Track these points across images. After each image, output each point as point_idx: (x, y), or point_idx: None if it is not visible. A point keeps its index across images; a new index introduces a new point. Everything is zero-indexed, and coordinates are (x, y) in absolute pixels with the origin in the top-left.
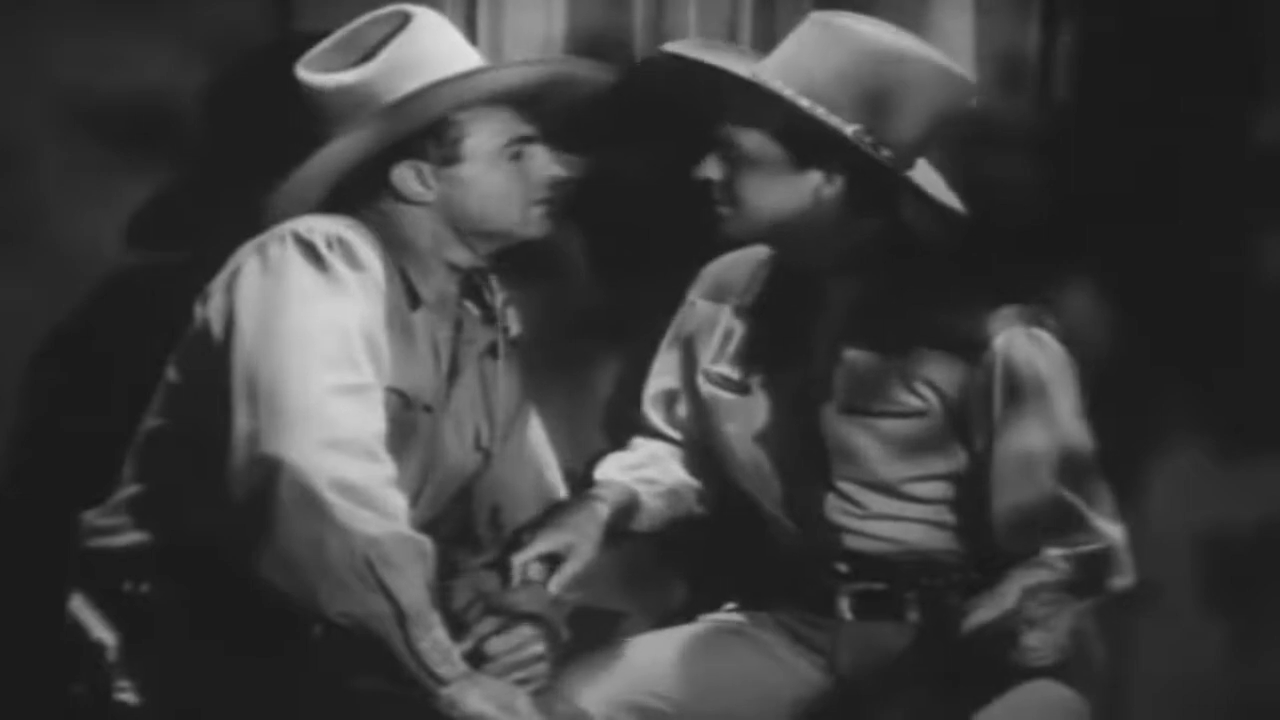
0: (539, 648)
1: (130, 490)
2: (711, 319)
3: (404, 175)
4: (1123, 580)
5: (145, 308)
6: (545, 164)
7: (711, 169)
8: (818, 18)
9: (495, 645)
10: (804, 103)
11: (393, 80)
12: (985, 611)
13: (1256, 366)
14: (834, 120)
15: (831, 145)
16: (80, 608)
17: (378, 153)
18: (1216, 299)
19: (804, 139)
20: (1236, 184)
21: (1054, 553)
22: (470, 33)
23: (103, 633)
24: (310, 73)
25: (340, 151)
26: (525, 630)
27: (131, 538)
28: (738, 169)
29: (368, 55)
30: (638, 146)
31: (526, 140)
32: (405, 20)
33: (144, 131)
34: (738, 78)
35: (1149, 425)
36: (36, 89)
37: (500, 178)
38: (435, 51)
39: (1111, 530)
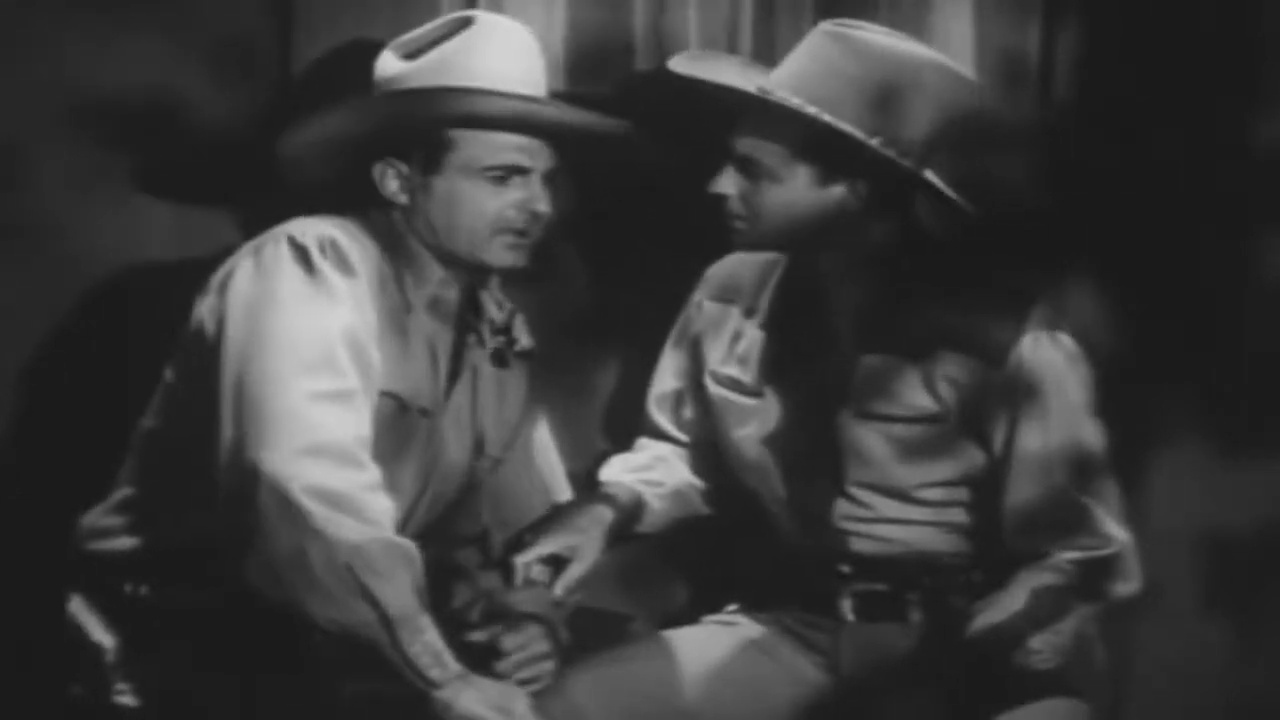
0: (545, 646)
1: (127, 490)
2: (719, 320)
3: (383, 173)
4: (1130, 586)
5: (145, 308)
6: (530, 197)
7: (727, 184)
8: (826, 29)
9: (509, 642)
10: (829, 119)
11: (424, 80)
12: (992, 613)
13: (1256, 366)
14: (859, 134)
15: (857, 158)
16: (80, 609)
17: (371, 148)
18: (1216, 299)
19: (828, 153)
20: (1236, 184)
21: (1062, 556)
22: None
23: (102, 635)
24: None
25: (330, 124)
26: (533, 628)
27: (131, 541)
28: (758, 184)
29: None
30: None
31: (519, 171)
32: (463, 25)
33: (144, 131)
34: (760, 99)
35: (1149, 425)
36: (36, 89)
37: (473, 197)
38: (474, 60)
39: (1121, 534)
